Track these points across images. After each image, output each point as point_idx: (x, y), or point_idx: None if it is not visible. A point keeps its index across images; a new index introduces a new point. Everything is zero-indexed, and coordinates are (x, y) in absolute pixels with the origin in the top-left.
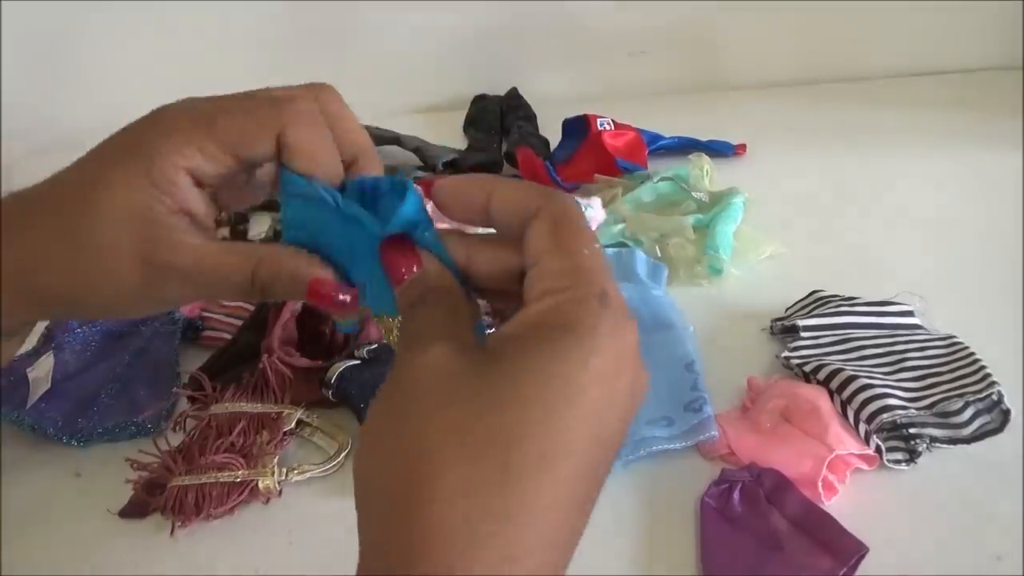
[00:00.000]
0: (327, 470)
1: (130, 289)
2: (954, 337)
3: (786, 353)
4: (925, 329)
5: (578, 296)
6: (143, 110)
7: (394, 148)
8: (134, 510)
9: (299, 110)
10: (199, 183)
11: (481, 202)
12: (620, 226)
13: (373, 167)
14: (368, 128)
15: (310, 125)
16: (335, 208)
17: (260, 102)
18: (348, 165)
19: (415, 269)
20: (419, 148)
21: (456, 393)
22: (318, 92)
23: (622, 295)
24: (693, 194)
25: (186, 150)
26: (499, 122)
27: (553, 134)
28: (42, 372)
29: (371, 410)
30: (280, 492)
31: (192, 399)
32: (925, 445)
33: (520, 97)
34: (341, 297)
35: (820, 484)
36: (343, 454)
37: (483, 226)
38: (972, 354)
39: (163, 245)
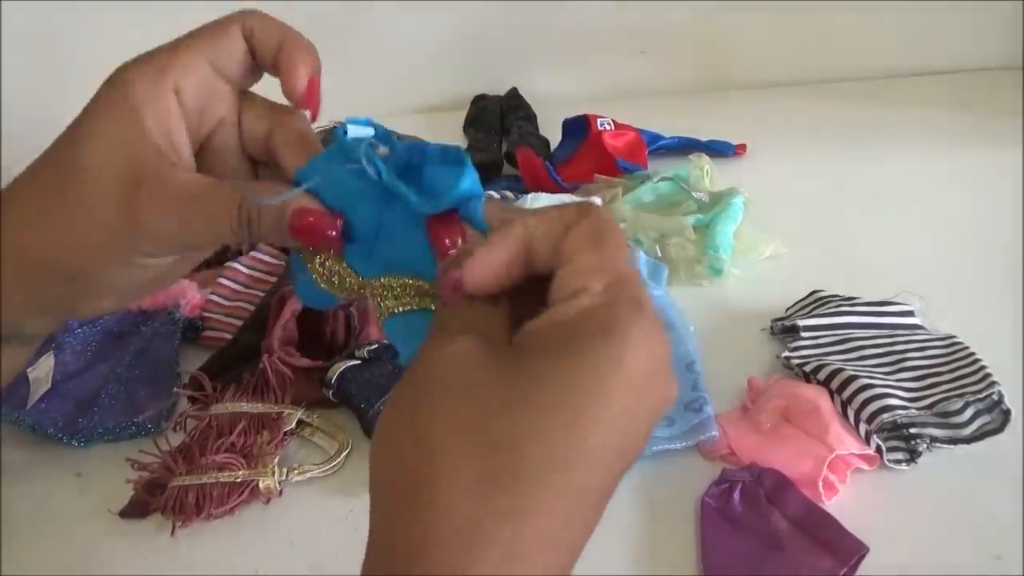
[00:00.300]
0: (327, 470)
1: (114, 225)
2: (954, 337)
3: (786, 353)
4: (925, 329)
5: (614, 298)
6: None
7: None
8: (134, 510)
9: (256, 13)
10: (182, 103)
11: (520, 255)
12: (620, 226)
13: (301, 54)
14: None
15: (265, 18)
16: (376, 180)
17: (219, 19)
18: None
19: (460, 242)
20: None
21: (474, 389)
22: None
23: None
24: (693, 194)
25: (165, 70)
26: (499, 122)
27: (553, 134)
28: (42, 372)
29: (389, 398)
30: (280, 492)
31: (192, 399)
32: (925, 445)
33: (520, 97)
34: (328, 231)
35: (820, 484)
36: (343, 454)
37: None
38: (972, 354)
39: (150, 175)
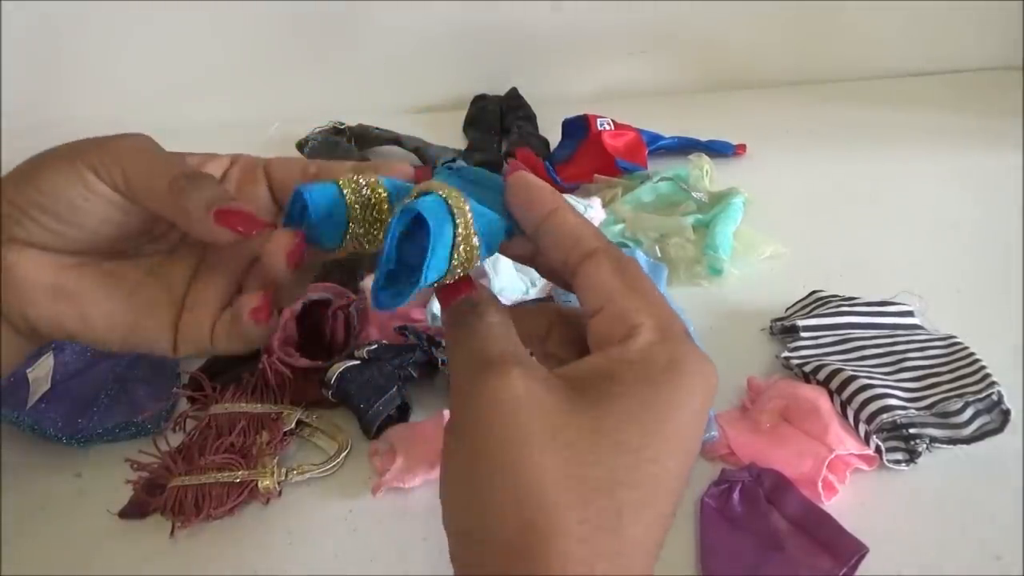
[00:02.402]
0: (326, 470)
1: (66, 166)
2: (954, 337)
3: (786, 353)
4: (925, 329)
5: (668, 336)
6: (143, 109)
7: (394, 148)
8: (134, 510)
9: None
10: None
11: (544, 212)
12: (620, 226)
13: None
14: (368, 128)
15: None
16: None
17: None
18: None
19: (466, 295)
20: (419, 148)
21: (561, 433)
22: None
23: None
24: (693, 194)
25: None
26: (499, 122)
27: (553, 134)
28: (42, 372)
29: (455, 441)
30: (280, 492)
31: (192, 399)
32: (925, 445)
33: (520, 97)
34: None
35: (820, 484)
36: (343, 454)
37: (528, 233)
38: (972, 354)
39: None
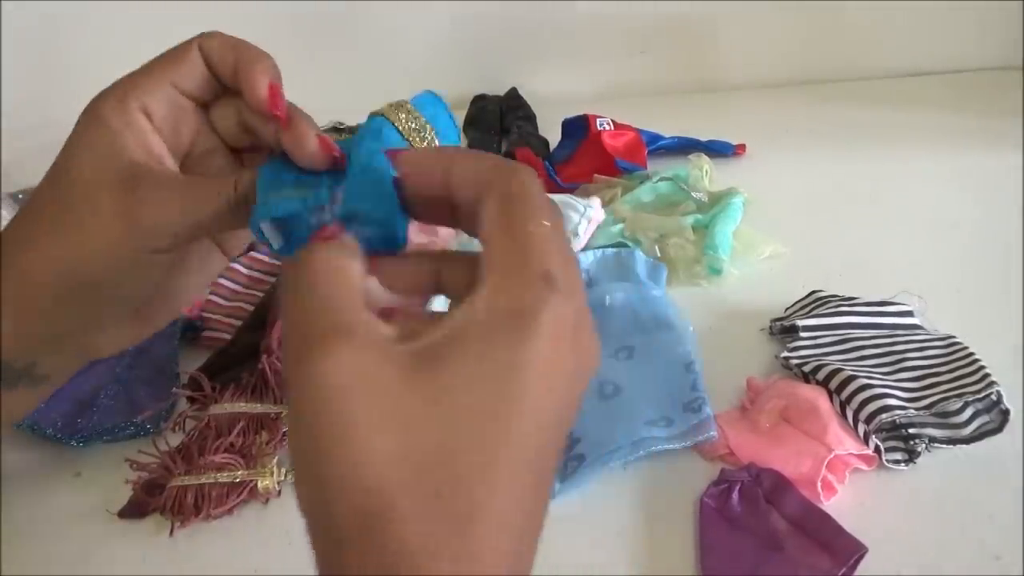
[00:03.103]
0: None
1: (117, 222)
2: (953, 337)
3: (785, 353)
4: (924, 329)
5: (521, 280)
6: None
7: None
8: (133, 510)
9: (215, 33)
10: (152, 122)
11: (440, 175)
12: (619, 226)
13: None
14: None
15: (223, 37)
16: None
17: (179, 43)
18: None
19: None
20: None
21: (396, 413)
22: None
23: (574, 270)
24: (693, 194)
25: (128, 93)
26: (499, 122)
27: (553, 134)
28: None
29: (290, 422)
30: (279, 492)
31: (191, 399)
32: (924, 445)
33: (520, 97)
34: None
35: (819, 484)
36: None
37: (444, 201)
38: (971, 354)
39: (143, 174)
